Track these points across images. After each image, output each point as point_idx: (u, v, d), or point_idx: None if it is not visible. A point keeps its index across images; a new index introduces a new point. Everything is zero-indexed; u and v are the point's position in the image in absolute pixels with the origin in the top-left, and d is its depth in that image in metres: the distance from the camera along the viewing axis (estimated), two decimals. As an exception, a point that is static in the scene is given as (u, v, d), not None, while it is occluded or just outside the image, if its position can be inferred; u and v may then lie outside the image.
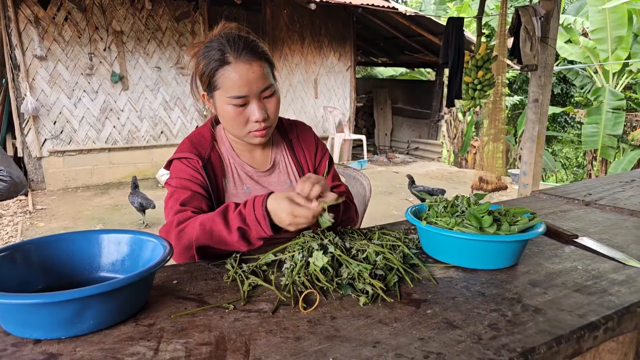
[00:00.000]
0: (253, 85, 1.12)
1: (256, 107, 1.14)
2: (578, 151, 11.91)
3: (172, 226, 1.07)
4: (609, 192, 1.65)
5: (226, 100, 1.13)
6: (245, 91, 1.11)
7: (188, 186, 1.17)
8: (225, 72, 1.11)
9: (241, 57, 1.10)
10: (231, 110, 1.14)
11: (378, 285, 0.83)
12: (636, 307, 0.80)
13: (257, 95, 1.14)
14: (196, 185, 1.17)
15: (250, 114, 1.15)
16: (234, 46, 1.11)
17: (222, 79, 1.12)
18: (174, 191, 1.17)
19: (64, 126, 6.04)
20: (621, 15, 7.99)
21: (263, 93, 1.15)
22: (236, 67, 1.10)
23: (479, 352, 0.65)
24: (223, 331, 0.71)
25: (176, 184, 1.18)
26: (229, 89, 1.11)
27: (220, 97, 1.14)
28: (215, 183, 1.22)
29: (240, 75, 1.10)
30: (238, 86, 1.11)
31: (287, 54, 7.67)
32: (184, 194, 1.15)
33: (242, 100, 1.12)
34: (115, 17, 6.13)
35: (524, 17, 3.76)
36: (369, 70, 13.95)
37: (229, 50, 1.11)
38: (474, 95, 4.50)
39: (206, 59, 1.13)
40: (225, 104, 1.14)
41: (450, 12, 11.84)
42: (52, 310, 0.66)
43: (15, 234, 4.38)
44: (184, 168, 1.20)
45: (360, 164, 7.92)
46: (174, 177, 1.20)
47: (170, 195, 1.17)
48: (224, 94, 1.13)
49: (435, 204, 1.09)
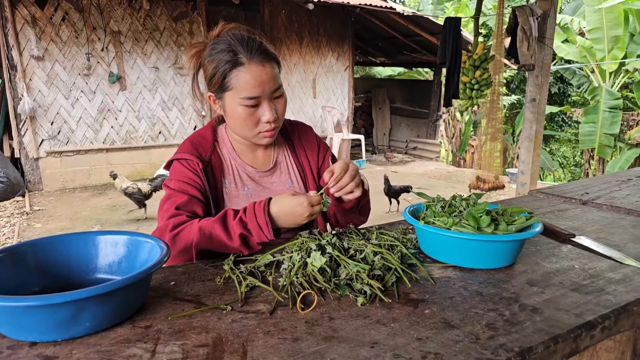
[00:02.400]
0: (266, 86, 1.12)
1: (267, 108, 1.14)
2: (575, 150, 11.94)
3: (167, 230, 1.07)
4: (606, 191, 1.65)
5: (238, 101, 1.13)
6: (259, 92, 1.12)
7: (185, 189, 1.16)
8: (239, 73, 1.10)
9: (254, 58, 1.10)
10: (242, 111, 1.14)
11: (376, 285, 0.83)
12: (633, 306, 0.80)
13: (269, 95, 1.14)
14: (194, 188, 1.17)
15: (261, 114, 1.15)
16: (247, 47, 1.11)
17: (234, 80, 1.11)
18: (171, 194, 1.16)
19: (62, 127, 6.02)
20: (617, 15, 8.02)
21: (274, 94, 1.15)
22: (250, 68, 1.10)
23: (477, 351, 0.65)
24: (220, 332, 0.71)
25: (174, 187, 1.17)
26: (241, 90, 1.11)
27: (231, 98, 1.14)
28: (214, 186, 1.22)
29: (254, 76, 1.10)
30: (252, 87, 1.11)
31: (286, 54, 7.67)
32: (180, 197, 1.15)
33: (254, 101, 1.13)
34: (113, 17, 6.12)
35: (521, 17, 3.77)
36: (367, 70, 13.96)
37: (242, 51, 1.10)
38: (472, 94, 4.51)
39: (216, 60, 1.12)
40: (236, 105, 1.14)
41: (447, 12, 11.86)
42: (49, 313, 0.66)
43: (12, 235, 4.36)
44: (183, 170, 1.19)
45: (358, 163, 7.93)
46: (172, 178, 1.20)
47: (167, 198, 1.16)
48: (236, 95, 1.12)
49: (433, 204, 1.09)
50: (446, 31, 4.52)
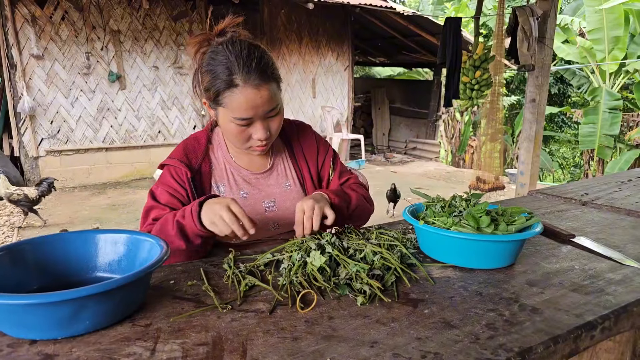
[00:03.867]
0: (259, 109, 1.10)
1: (260, 128, 1.13)
2: (575, 151, 11.94)
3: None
4: (606, 191, 1.65)
5: (230, 119, 1.11)
6: (251, 114, 1.10)
7: (167, 202, 1.16)
8: (232, 94, 1.07)
9: (250, 81, 1.06)
10: (234, 128, 1.12)
11: (376, 285, 0.83)
12: (633, 307, 0.80)
13: (262, 116, 1.12)
14: (176, 201, 1.17)
15: (253, 132, 1.14)
16: (243, 68, 1.06)
17: (227, 100, 1.08)
18: (154, 206, 1.16)
19: (61, 126, 6.02)
20: (618, 15, 8.02)
21: (269, 114, 1.13)
22: (244, 91, 1.06)
23: (477, 351, 0.65)
24: (220, 331, 0.71)
25: (158, 197, 1.18)
26: (234, 110, 1.09)
27: (224, 115, 1.12)
28: (201, 193, 1.20)
29: (247, 100, 1.07)
30: (244, 109, 1.08)
31: (285, 54, 7.67)
32: (161, 211, 1.15)
33: (247, 121, 1.11)
34: (113, 17, 6.11)
35: (521, 17, 3.77)
36: (366, 70, 13.95)
37: (237, 69, 1.06)
38: (472, 95, 4.51)
39: (211, 74, 1.09)
40: (228, 122, 1.12)
41: (448, 12, 11.86)
42: (48, 311, 0.66)
43: (11, 234, 4.36)
44: (169, 180, 1.19)
45: (358, 163, 7.93)
46: (159, 186, 1.20)
47: (150, 209, 1.17)
48: (228, 113, 1.10)
49: (433, 204, 1.09)
50: (446, 31, 4.52)
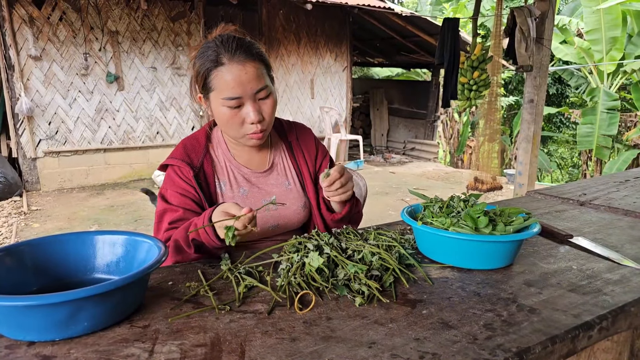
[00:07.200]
0: (247, 86, 1.11)
1: (251, 109, 1.13)
2: (573, 151, 11.97)
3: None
4: (604, 192, 1.66)
5: (221, 102, 1.12)
6: (239, 92, 1.11)
7: (180, 203, 1.17)
8: (219, 72, 1.11)
9: (235, 58, 1.10)
10: (226, 111, 1.13)
11: (374, 285, 0.83)
12: (630, 307, 0.80)
13: (252, 96, 1.13)
14: (188, 200, 1.17)
15: (245, 115, 1.14)
16: (228, 47, 1.10)
17: (215, 80, 1.11)
18: (167, 208, 1.17)
19: (59, 127, 6.00)
20: (615, 16, 8.04)
21: (258, 94, 1.13)
22: (230, 68, 1.10)
23: (475, 352, 0.65)
24: (218, 332, 0.71)
25: (170, 199, 1.18)
26: (222, 90, 1.11)
27: (215, 99, 1.14)
28: (207, 191, 1.21)
29: (233, 76, 1.09)
30: (231, 87, 1.10)
31: (284, 54, 7.66)
32: (175, 213, 1.15)
33: (236, 101, 1.12)
34: (111, 17, 6.10)
35: (519, 18, 3.78)
36: (365, 71, 13.96)
37: (223, 51, 1.10)
38: (470, 95, 4.52)
39: (200, 59, 1.14)
40: (220, 106, 1.13)
41: (446, 13, 11.87)
42: (46, 312, 0.65)
43: (9, 235, 4.35)
44: (177, 180, 1.19)
45: (356, 164, 7.93)
46: (168, 188, 1.20)
47: (163, 212, 1.17)
48: (218, 96, 1.13)
49: (431, 205, 1.09)
50: (444, 32, 4.52)
